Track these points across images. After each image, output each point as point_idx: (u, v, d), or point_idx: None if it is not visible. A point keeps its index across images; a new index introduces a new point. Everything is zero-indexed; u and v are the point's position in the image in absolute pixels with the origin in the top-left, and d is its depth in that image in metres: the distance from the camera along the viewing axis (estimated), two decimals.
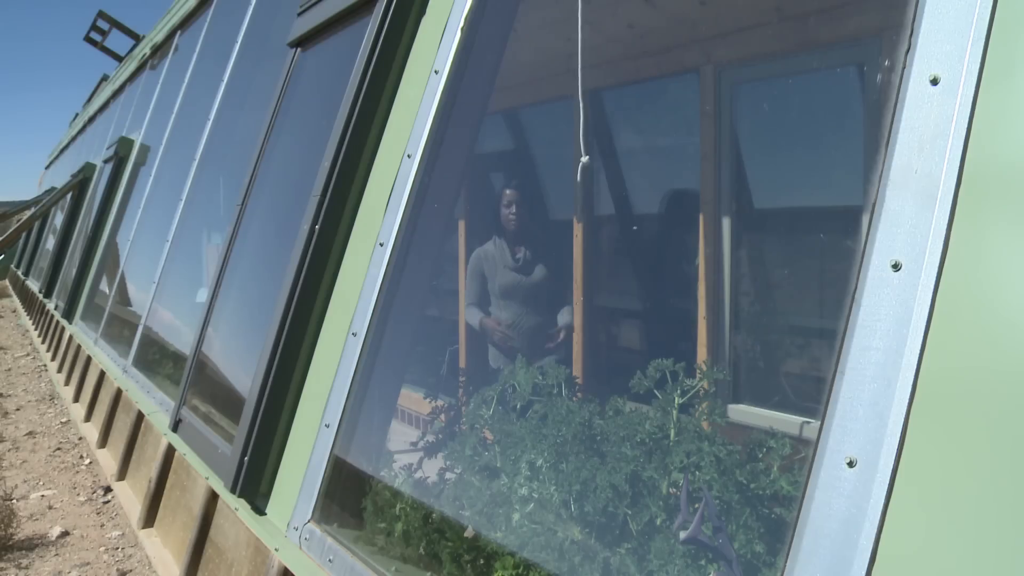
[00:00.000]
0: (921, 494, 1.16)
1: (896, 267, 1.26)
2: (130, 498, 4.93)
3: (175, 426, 3.87)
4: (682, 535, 1.69)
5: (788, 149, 4.16)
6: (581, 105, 2.73)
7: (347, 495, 2.51)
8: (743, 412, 3.99)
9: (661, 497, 1.98)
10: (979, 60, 1.24)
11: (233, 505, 2.88)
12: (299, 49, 3.87)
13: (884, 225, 1.30)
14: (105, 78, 16.72)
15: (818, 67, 3.85)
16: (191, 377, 3.95)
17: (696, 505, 1.86)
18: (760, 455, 2.13)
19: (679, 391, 2.13)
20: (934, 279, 1.21)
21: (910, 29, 1.34)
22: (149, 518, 4.37)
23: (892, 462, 1.19)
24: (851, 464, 1.24)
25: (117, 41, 15.68)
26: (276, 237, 3.72)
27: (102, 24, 15.49)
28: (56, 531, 4.78)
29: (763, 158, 4.30)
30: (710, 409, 2.20)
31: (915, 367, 1.20)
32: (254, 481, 2.80)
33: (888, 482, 1.18)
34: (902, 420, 1.20)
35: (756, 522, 1.93)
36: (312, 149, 3.27)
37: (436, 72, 2.56)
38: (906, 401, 1.20)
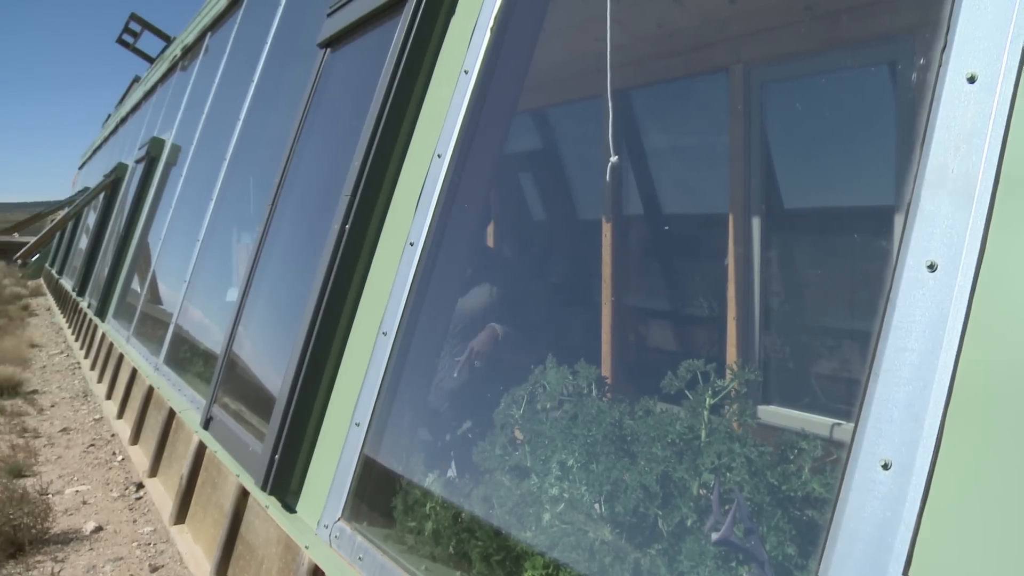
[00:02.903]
0: (958, 498, 1.14)
1: (932, 268, 1.25)
2: (162, 494, 4.98)
3: (206, 423, 3.90)
4: (714, 536, 1.68)
5: (819, 148, 4.13)
6: (610, 105, 2.73)
7: (377, 493, 2.52)
8: (773, 413, 3.96)
9: (692, 498, 1.97)
10: (1018, 58, 1.22)
11: (264, 503, 2.90)
12: (329, 50, 3.89)
13: (919, 225, 1.28)
14: (137, 79, 16.91)
15: (849, 65, 3.82)
16: (222, 375, 3.98)
17: (727, 506, 1.85)
18: (791, 456, 2.11)
19: (710, 392, 2.11)
20: (971, 280, 1.20)
21: (946, 26, 1.32)
22: (181, 514, 4.41)
23: (928, 465, 1.18)
24: (886, 467, 1.22)
25: (149, 43, 15.86)
26: (306, 236, 3.74)
27: (134, 26, 15.68)
28: (90, 526, 4.84)
29: (793, 158, 4.28)
30: (741, 410, 2.19)
31: (951, 369, 1.19)
32: (284, 479, 2.81)
33: (924, 485, 1.17)
34: (938, 422, 1.18)
35: (788, 524, 1.92)
36: (342, 149, 3.29)
37: (466, 72, 2.56)
38: (942, 403, 1.18)
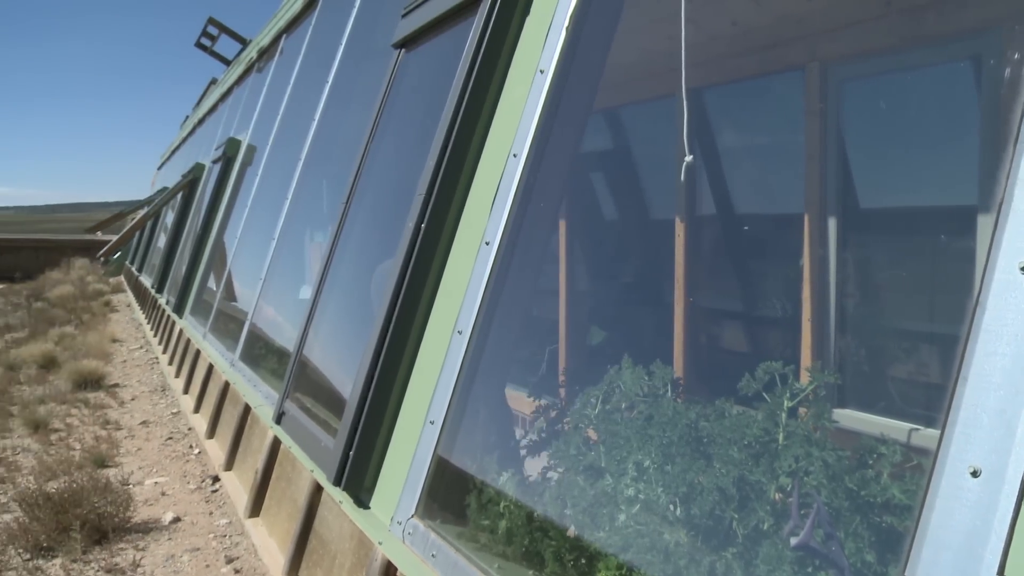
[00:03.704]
0: None
1: None
2: (237, 488, 5.08)
3: (278, 418, 3.96)
4: (793, 541, 1.65)
5: (898, 147, 4.05)
6: (685, 104, 2.71)
7: (451, 491, 2.54)
8: (848, 417, 3.89)
9: (769, 501, 1.95)
10: None
11: (337, 498, 2.94)
12: (403, 50, 3.93)
13: (1012, 226, 1.25)
14: (214, 81, 17.28)
15: (933, 62, 3.73)
16: (295, 371, 4.04)
17: (806, 510, 1.82)
18: (870, 461, 2.07)
19: (788, 394, 2.08)
20: None
21: None
22: (255, 508, 4.50)
23: (1021, 472, 1.14)
24: (975, 474, 1.19)
25: (225, 46, 16.21)
26: (380, 235, 3.78)
27: (212, 30, 16.05)
28: (169, 516, 4.96)
29: (871, 157, 4.20)
30: (818, 413, 2.15)
31: None
32: (358, 475, 2.85)
33: (1017, 494, 1.14)
34: None
35: (867, 530, 1.88)
36: (416, 148, 3.32)
37: (541, 72, 2.56)
38: None
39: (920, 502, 1.26)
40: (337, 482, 2.88)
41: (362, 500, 2.84)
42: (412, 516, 2.50)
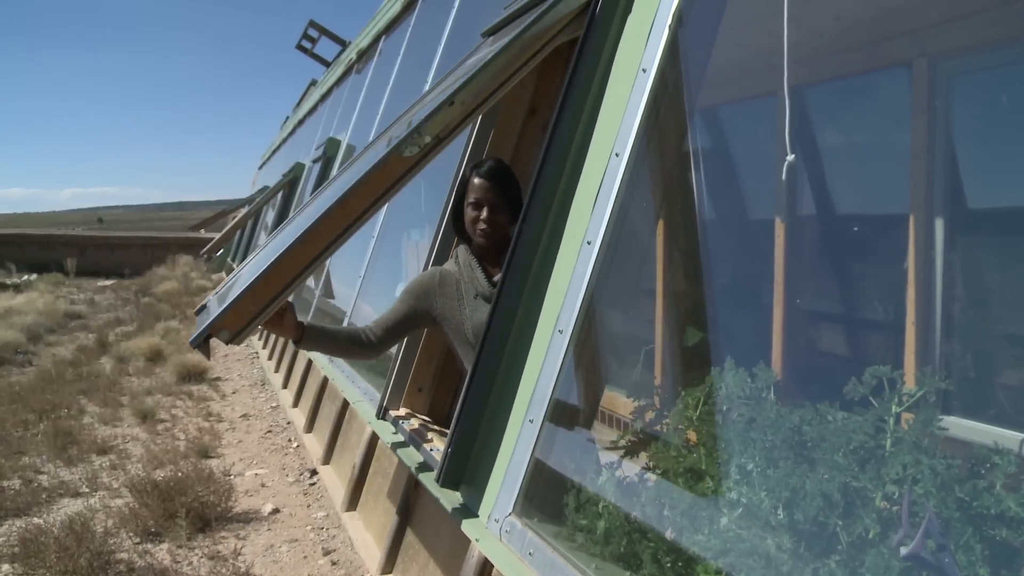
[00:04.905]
0: None
1: None
2: (334, 482, 5.18)
3: (382, 414, 4.02)
4: (903, 550, 1.61)
5: (1011, 145, 3.90)
6: (787, 102, 2.66)
7: (548, 490, 2.54)
8: (954, 424, 3.77)
9: (875, 509, 1.90)
10: None
11: (435, 494, 2.97)
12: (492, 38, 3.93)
13: None
14: (313, 83, 17.66)
15: None
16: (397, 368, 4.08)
17: (916, 520, 1.77)
18: (982, 471, 2.00)
19: (897, 399, 2.03)
20: None
21: None
22: (352, 502, 4.58)
23: None
24: None
25: (325, 48, 16.55)
26: None
27: (312, 32, 16.42)
28: (268, 508, 5.10)
29: (982, 155, 4.06)
30: (926, 420, 2.09)
31: None
32: (456, 472, 2.87)
33: None
34: None
35: (979, 543, 1.82)
36: None
37: (644, 70, 2.54)
38: None
39: None
40: (436, 479, 2.92)
41: (460, 497, 2.87)
42: (510, 514, 2.51)
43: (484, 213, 3.19)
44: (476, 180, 3.21)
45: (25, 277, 25.44)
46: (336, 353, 3.16)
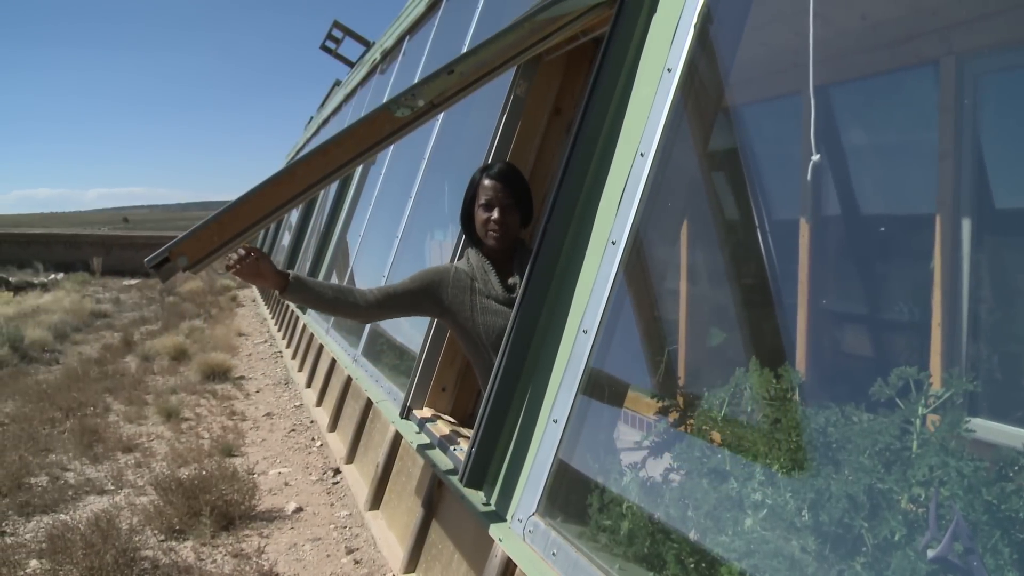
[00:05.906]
0: None
1: None
2: (357, 481, 5.20)
3: (406, 413, 4.03)
4: (930, 553, 1.60)
5: None
6: (812, 101, 2.65)
7: (572, 490, 2.54)
8: (980, 426, 3.73)
9: (901, 511, 1.89)
10: None
11: (458, 494, 2.98)
12: None
13: None
14: (337, 83, 17.70)
15: None
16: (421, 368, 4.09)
17: (943, 522, 1.75)
18: (1011, 474, 1.98)
19: (923, 401, 2.01)
20: None
21: None
22: (375, 501, 4.59)
23: None
24: None
25: (349, 48, 16.59)
26: None
27: (336, 33, 16.45)
28: (291, 506, 5.12)
29: (1010, 154, 4.02)
30: (953, 422, 2.07)
31: None
32: (480, 472, 2.88)
33: None
34: None
35: (1008, 547, 1.80)
36: None
37: (669, 70, 2.54)
38: None
39: None
40: (460, 478, 2.92)
41: (483, 497, 2.87)
42: (533, 514, 2.51)
43: (495, 214, 3.24)
44: (486, 182, 3.26)
45: (52, 276, 25.75)
46: (320, 307, 3.16)
